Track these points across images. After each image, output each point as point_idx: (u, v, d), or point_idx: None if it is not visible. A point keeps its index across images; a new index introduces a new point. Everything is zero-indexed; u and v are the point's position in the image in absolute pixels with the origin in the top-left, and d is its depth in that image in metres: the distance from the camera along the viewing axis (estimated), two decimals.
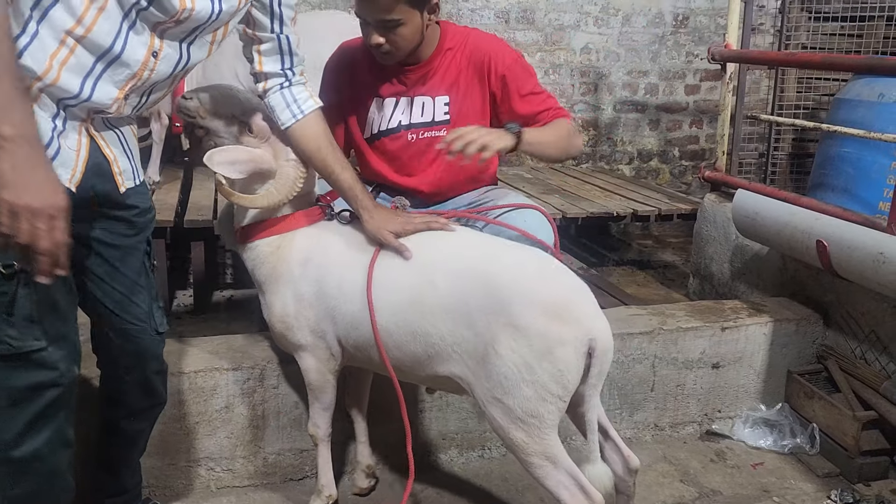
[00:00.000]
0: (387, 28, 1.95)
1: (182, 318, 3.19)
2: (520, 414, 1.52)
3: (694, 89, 5.30)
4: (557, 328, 1.49)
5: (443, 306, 1.59)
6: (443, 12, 4.67)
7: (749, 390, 2.57)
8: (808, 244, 2.35)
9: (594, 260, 4.23)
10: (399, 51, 2.02)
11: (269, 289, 1.84)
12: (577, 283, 1.61)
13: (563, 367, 1.50)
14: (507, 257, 1.65)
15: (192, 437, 2.11)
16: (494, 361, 1.52)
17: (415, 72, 2.11)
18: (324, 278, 1.76)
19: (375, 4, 1.92)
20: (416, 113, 2.13)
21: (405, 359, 1.68)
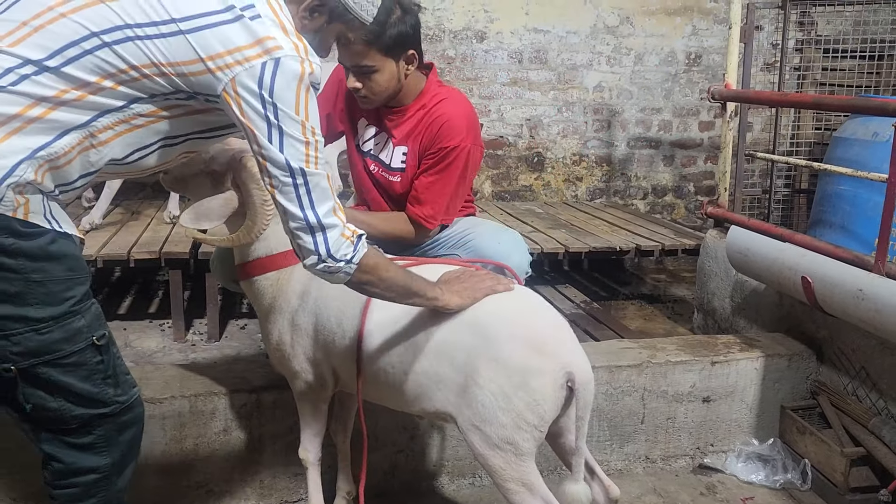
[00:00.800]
0: (363, 73, 2.09)
1: (196, 345, 3.32)
2: (496, 441, 1.59)
3: (708, 126, 5.36)
4: (535, 360, 1.56)
5: (431, 348, 1.67)
6: (457, 53, 4.85)
7: (742, 425, 2.59)
8: (794, 280, 2.39)
9: (605, 294, 4.27)
10: (375, 96, 2.15)
11: (268, 319, 1.92)
12: (557, 319, 1.68)
13: (538, 397, 1.56)
14: (494, 296, 1.70)
15: (193, 459, 2.21)
16: (474, 391, 1.59)
17: (394, 114, 2.25)
18: (321, 311, 1.83)
19: (349, 50, 2.05)
20: (381, 150, 2.29)
21: (398, 395, 1.75)
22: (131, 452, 1.53)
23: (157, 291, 4.15)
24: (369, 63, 2.07)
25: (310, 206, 1.43)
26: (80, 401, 1.41)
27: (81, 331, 1.38)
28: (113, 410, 1.45)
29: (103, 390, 1.43)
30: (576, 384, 1.56)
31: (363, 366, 1.77)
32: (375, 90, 2.13)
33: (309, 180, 1.42)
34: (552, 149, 5.17)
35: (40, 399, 1.38)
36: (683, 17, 5.14)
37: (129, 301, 3.98)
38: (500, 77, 4.98)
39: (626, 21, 5.07)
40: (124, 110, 1.38)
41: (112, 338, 1.47)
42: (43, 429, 1.43)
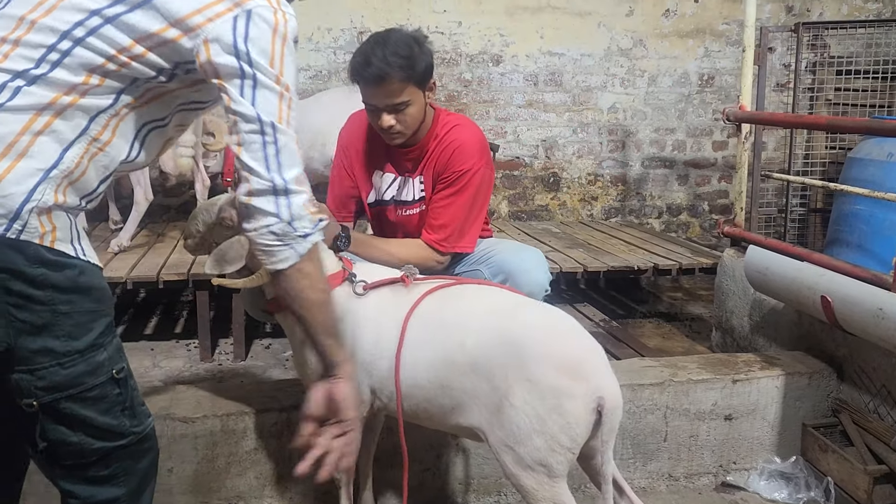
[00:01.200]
0: (397, 110, 2.14)
1: (223, 365, 3.38)
2: (529, 462, 1.62)
3: (722, 145, 5.41)
4: (568, 383, 1.59)
5: (469, 363, 1.69)
6: (474, 76, 4.94)
7: (764, 442, 2.61)
8: (814, 299, 2.42)
9: (622, 312, 4.30)
10: (408, 129, 2.21)
11: (304, 344, 1.88)
12: (590, 343, 1.71)
13: (571, 420, 1.59)
14: (527, 316, 1.75)
15: (224, 477, 2.26)
16: (508, 412, 1.62)
17: (411, 154, 2.32)
18: (360, 333, 1.84)
19: (385, 90, 2.10)
20: (402, 192, 2.36)
21: (433, 409, 1.78)
22: (147, 478, 1.52)
23: (182, 311, 4.22)
24: (405, 98, 2.13)
25: (277, 167, 1.35)
26: (99, 434, 1.39)
27: (104, 364, 1.36)
28: (130, 441, 1.44)
29: (121, 422, 1.41)
30: (604, 409, 1.59)
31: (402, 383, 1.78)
32: (409, 123, 2.19)
33: (279, 138, 1.34)
34: (568, 169, 5.23)
35: (61, 434, 1.36)
36: (696, 40, 5.21)
37: (155, 321, 4.05)
38: (516, 99, 5.06)
39: (640, 44, 5.15)
40: (115, 105, 1.35)
41: (130, 370, 1.46)
42: (60, 464, 1.40)
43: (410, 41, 2.14)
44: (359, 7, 4.76)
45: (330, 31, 4.76)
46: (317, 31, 4.74)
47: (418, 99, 2.17)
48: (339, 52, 4.78)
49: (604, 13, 5.05)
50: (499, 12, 4.93)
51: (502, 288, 1.95)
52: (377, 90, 2.12)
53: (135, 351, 3.52)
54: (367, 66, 2.08)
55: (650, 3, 5.11)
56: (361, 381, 1.86)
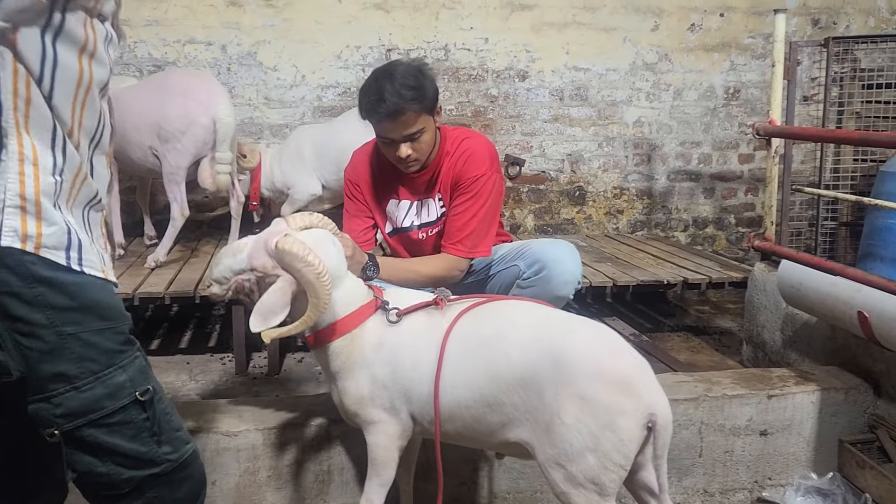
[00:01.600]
0: (412, 139, 2.23)
1: (258, 378, 3.43)
2: (581, 480, 1.60)
3: (748, 158, 5.40)
4: (622, 401, 1.58)
5: (516, 377, 1.69)
6: (500, 92, 4.98)
7: (800, 458, 2.61)
8: (850, 314, 2.42)
9: (649, 326, 4.30)
10: (423, 156, 2.30)
11: (342, 376, 1.89)
12: (639, 359, 1.70)
13: (625, 437, 1.59)
14: (576, 331, 1.74)
15: (265, 491, 2.30)
16: (560, 430, 1.61)
17: (422, 177, 2.40)
18: (397, 359, 1.85)
19: (402, 122, 2.18)
20: (423, 214, 2.44)
21: (481, 428, 1.77)
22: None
23: (215, 325, 4.29)
24: (420, 127, 2.22)
25: None
26: (129, 462, 1.31)
27: (124, 386, 1.29)
28: (164, 469, 1.36)
29: (152, 449, 1.34)
30: (657, 425, 1.59)
31: (440, 405, 1.78)
32: (424, 150, 2.29)
33: None
34: (593, 183, 5.25)
35: (88, 464, 1.29)
36: (721, 53, 5.23)
37: (189, 335, 4.12)
38: (542, 114, 5.10)
39: (665, 58, 5.17)
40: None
41: (159, 392, 1.37)
42: (94, 495, 1.35)
43: (415, 71, 2.22)
44: (387, 25, 4.83)
45: (359, 48, 4.84)
46: (345, 48, 4.82)
47: (430, 125, 2.26)
48: (367, 69, 4.85)
49: (629, 28, 5.08)
50: (525, 29, 4.98)
51: (536, 302, 1.97)
52: (393, 124, 2.19)
53: (171, 365, 3.58)
54: (382, 102, 2.15)
55: (675, 18, 5.14)
56: (400, 408, 1.87)
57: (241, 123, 4.73)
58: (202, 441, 2.23)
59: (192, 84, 3.66)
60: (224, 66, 4.72)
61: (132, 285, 3.40)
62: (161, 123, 3.56)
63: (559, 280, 2.28)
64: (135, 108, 3.65)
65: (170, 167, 3.61)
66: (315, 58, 4.80)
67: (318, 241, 1.84)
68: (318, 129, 4.25)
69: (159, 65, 4.64)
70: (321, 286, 1.72)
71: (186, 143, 3.57)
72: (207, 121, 3.55)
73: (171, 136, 3.56)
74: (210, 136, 3.58)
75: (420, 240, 2.46)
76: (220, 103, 3.58)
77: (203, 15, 4.65)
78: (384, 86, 2.15)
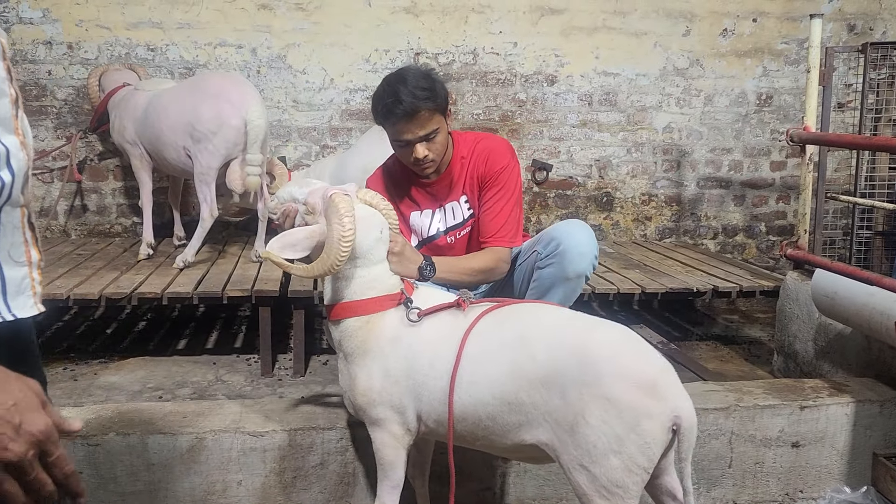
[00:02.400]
0: (428, 139, 2.27)
1: (283, 380, 3.44)
2: (605, 483, 1.59)
3: (780, 165, 5.32)
4: (647, 403, 1.57)
5: (540, 377, 1.68)
6: (528, 96, 4.97)
7: (832, 471, 2.55)
8: (887, 325, 2.37)
9: (677, 334, 4.25)
10: (439, 157, 2.34)
11: (355, 361, 1.91)
12: (664, 362, 1.69)
13: (650, 439, 1.57)
14: (601, 332, 1.74)
15: (290, 491, 2.30)
16: (584, 431, 1.60)
17: (439, 182, 2.43)
18: (415, 356, 1.84)
19: (418, 122, 2.23)
20: (449, 217, 2.46)
21: (496, 427, 1.75)
22: None
23: (241, 326, 4.32)
24: (435, 127, 2.27)
25: None
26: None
27: None
28: None
29: None
30: (681, 428, 1.58)
31: (454, 404, 1.77)
32: (440, 150, 2.33)
33: None
34: (621, 189, 5.21)
35: None
36: (754, 59, 5.16)
37: (216, 335, 4.15)
38: (570, 119, 5.07)
39: (696, 63, 5.11)
40: None
41: None
42: None
43: (426, 74, 2.29)
44: (416, 29, 4.85)
45: (387, 52, 4.85)
46: (374, 52, 4.84)
47: (444, 126, 2.31)
48: None
49: (660, 33, 5.04)
50: (554, 33, 4.96)
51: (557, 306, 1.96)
52: (409, 124, 2.23)
53: (198, 365, 3.61)
54: (399, 103, 2.20)
55: (707, 23, 5.08)
56: (407, 407, 1.87)
57: (270, 126, 4.77)
58: (228, 441, 2.24)
59: (226, 86, 3.71)
60: (254, 68, 4.76)
61: (161, 285, 3.43)
62: (194, 124, 3.61)
63: (574, 252, 2.30)
64: (171, 109, 3.72)
65: (201, 167, 3.65)
66: (344, 61, 4.82)
67: (366, 218, 1.90)
68: (333, 163, 4.25)
69: (190, 67, 4.70)
70: (339, 248, 1.78)
71: (218, 144, 3.62)
72: (239, 122, 3.59)
73: (203, 136, 3.61)
74: (241, 138, 3.63)
75: (448, 244, 2.47)
76: (252, 105, 3.63)
77: (234, 18, 4.70)
78: (399, 88, 2.21)
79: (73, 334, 4.09)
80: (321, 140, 4.86)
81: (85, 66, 4.61)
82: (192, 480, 2.25)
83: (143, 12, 4.62)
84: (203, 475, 2.25)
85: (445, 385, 1.79)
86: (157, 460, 2.22)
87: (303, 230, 1.86)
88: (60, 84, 4.65)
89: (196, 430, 2.25)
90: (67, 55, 4.61)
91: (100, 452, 2.19)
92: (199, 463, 2.24)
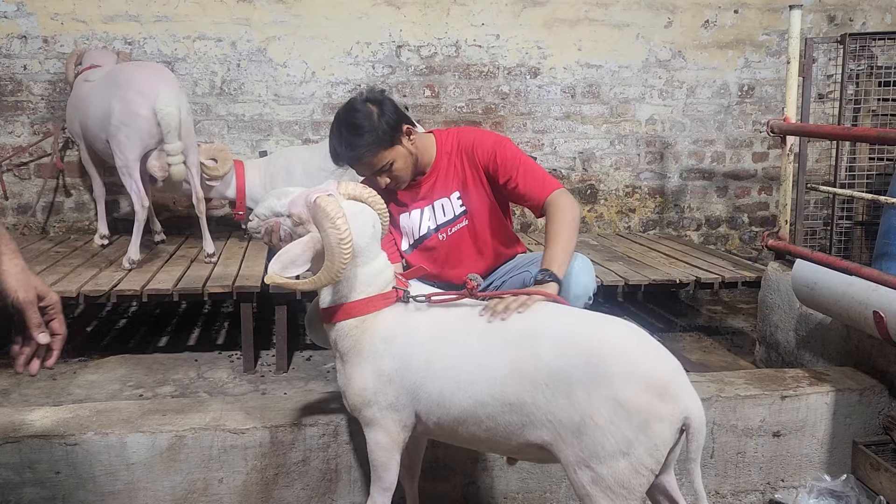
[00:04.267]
0: (384, 171, 2.28)
1: (265, 376, 3.42)
2: (611, 483, 1.56)
3: (762, 157, 5.35)
4: (658, 405, 1.54)
5: (543, 376, 1.63)
6: (511, 89, 4.95)
7: (813, 460, 2.57)
8: (865, 315, 2.38)
9: (661, 326, 4.27)
10: (406, 176, 2.34)
11: (349, 360, 1.87)
12: (674, 361, 1.65)
13: (659, 441, 1.55)
14: (609, 331, 1.69)
15: (272, 488, 2.29)
16: (591, 432, 1.56)
17: (426, 181, 2.41)
18: (410, 356, 1.79)
19: (364, 166, 2.27)
20: (439, 215, 2.42)
21: (498, 429, 1.71)
22: None
23: (223, 323, 4.29)
24: (386, 161, 2.27)
25: None
26: None
27: None
28: None
29: None
30: (691, 428, 1.56)
31: (454, 406, 1.74)
32: (403, 173, 2.32)
33: None
34: (605, 181, 5.21)
35: None
36: (736, 50, 5.17)
37: (198, 332, 4.12)
38: (554, 111, 5.06)
39: (678, 55, 5.12)
40: None
41: None
42: None
43: (368, 111, 2.23)
44: (397, 22, 4.81)
45: (369, 45, 4.82)
46: (356, 45, 4.81)
47: (399, 153, 2.29)
48: (377, 65, 4.84)
49: (642, 25, 5.04)
50: (537, 25, 4.94)
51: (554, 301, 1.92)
52: (358, 168, 2.28)
53: (179, 362, 3.58)
54: (338, 159, 2.27)
55: (689, 14, 5.09)
56: (405, 406, 1.83)
57: (250, 120, 4.74)
58: (209, 438, 2.22)
59: (136, 76, 3.63)
60: (234, 62, 4.72)
61: (140, 282, 3.40)
62: (108, 117, 3.58)
63: (570, 294, 2.24)
64: (90, 102, 3.73)
65: (120, 160, 3.60)
66: (325, 54, 4.79)
67: (358, 214, 1.84)
68: (308, 151, 4.20)
69: (169, 61, 4.64)
70: (340, 253, 1.72)
71: (131, 136, 3.55)
72: (148, 112, 3.51)
73: (116, 129, 3.56)
74: (154, 128, 3.54)
75: (441, 242, 2.44)
76: (163, 94, 3.52)
77: (213, 11, 4.65)
78: (334, 143, 2.25)
79: None
80: (303, 134, 4.83)
81: (61, 60, 4.54)
82: (173, 479, 2.23)
83: (120, 5, 4.56)
84: (184, 473, 2.23)
85: (443, 387, 1.75)
86: (136, 459, 2.20)
87: (298, 244, 1.79)
88: (36, 79, 4.58)
89: (176, 429, 2.22)
90: (43, 49, 4.55)
91: (78, 452, 2.17)
92: (179, 461, 2.22)
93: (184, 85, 4.65)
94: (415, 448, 2.11)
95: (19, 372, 1.40)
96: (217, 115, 4.75)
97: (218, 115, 4.75)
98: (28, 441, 2.15)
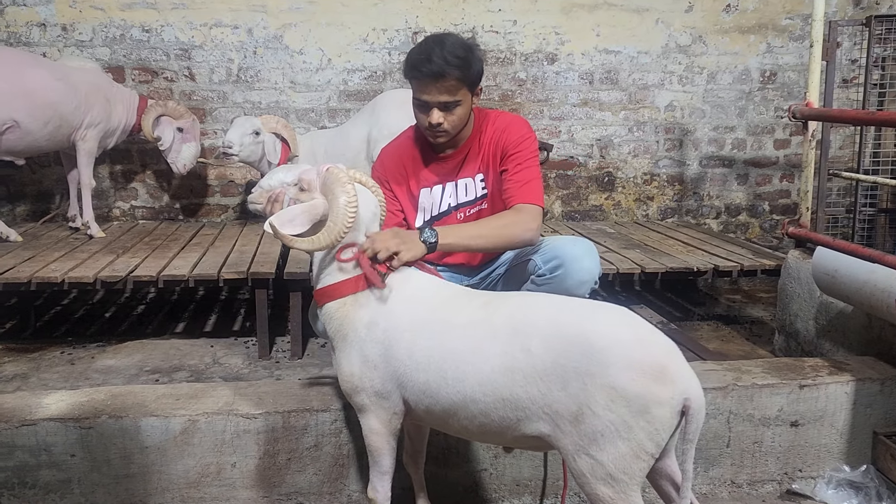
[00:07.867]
0: (447, 108, 2.21)
1: (280, 362, 3.43)
2: (611, 469, 1.55)
3: (784, 144, 5.25)
4: (655, 389, 1.52)
5: (537, 370, 1.62)
6: (528, 75, 4.90)
7: (832, 450, 2.53)
8: (888, 303, 2.33)
9: (678, 314, 4.22)
10: (454, 130, 2.28)
11: (338, 346, 1.89)
12: (669, 344, 1.63)
13: (659, 426, 1.54)
14: (600, 318, 1.66)
15: (284, 473, 2.30)
16: (590, 420, 1.55)
17: (454, 157, 2.38)
18: (391, 342, 1.79)
19: (441, 87, 2.17)
20: (461, 193, 2.39)
21: (490, 423, 1.70)
22: None
23: (240, 309, 4.31)
24: (457, 98, 2.21)
25: None
26: None
27: None
28: None
29: None
30: (690, 409, 1.54)
31: (443, 399, 1.73)
32: (456, 124, 2.27)
33: None
34: (623, 168, 5.16)
35: None
36: (758, 35, 5.07)
37: (214, 318, 4.14)
38: (571, 98, 5.01)
39: (699, 40, 5.04)
40: None
41: None
42: None
43: (466, 45, 2.23)
44: (413, 8, 4.78)
45: (385, 31, 4.79)
46: (371, 31, 4.78)
47: (467, 101, 2.25)
48: (393, 52, 4.81)
49: (662, 9, 4.96)
50: (554, 10, 4.88)
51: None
52: (433, 86, 2.18)
53: (195, 348, 3.60)
54: (428, 62, 2.16)
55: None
56: (392, 392, 1.82)
57: (266, 107, 4.73)
58: (222, 423, 2.23)
59: None
60: (250, 49, 4.71)
61: (156, 268, 3.42)
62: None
63: (575, 279, 2.22)
64: None
65: None
66: (341, 41, 4.77)
67: (364, 192, 1.92)
68: (330, 134, 4.38)
69: (186, 49, 4.65)
70: (346, 214, 1.79)
71: None
72: None
73: None
74: None
75: (459, 221, 2.40)
76: None
77: None
78: (433, 48, 2.17)
79: (72, 318, 4.09)
80: (319, 121, 4.82)
81: (80, 48, 4.57)
82: (186, 463, 2.24)
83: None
84: (197, 457, 2.24)
85: (427, 378, 1.74)
86: (150, 443, 2.22)
87: (300, 206, 1.86)
88: None
89: (189, 413, 2.24)
90: (62, 37, 4.57)
91: (93, 435, 2.19)
92: (192, 445, 2.24)
93: (200, 72, 4.67)
94: (417, 435, 2.10)
95: None
96: (234, 103, 4.75)
97: (234, 102, 4.75)
98: (44, 424, 2.18)
